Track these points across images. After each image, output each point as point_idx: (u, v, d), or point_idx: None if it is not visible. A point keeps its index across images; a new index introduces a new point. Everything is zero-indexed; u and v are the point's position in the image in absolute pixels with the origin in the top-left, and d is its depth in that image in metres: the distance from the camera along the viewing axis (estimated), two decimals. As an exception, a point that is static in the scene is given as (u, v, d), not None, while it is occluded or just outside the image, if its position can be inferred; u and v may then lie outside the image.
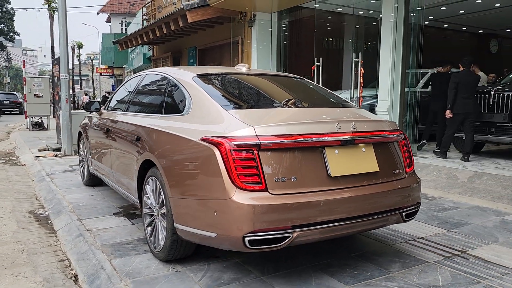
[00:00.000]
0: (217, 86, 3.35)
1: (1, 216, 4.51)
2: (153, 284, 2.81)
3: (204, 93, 3.09)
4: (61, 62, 8.44)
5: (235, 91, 3.38)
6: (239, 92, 3.39)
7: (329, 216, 2.63)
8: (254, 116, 2.84)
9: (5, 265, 3.24)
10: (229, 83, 3.48)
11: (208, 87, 3.23)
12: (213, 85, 3.31)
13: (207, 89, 3.17)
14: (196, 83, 3.26)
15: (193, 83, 3.26)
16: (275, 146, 2.55)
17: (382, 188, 2.87)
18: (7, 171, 7.21)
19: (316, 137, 2.64)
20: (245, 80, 3.58)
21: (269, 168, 2.52)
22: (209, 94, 3.07)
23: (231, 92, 3.34)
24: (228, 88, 3.41)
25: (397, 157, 3.08)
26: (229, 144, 2.51)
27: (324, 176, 2.67)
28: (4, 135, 14.45)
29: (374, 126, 2.96)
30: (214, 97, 3.04)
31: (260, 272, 2.99)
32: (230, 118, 2.75)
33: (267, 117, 2.83)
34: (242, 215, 2.45)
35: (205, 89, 3.17)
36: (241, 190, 2.47)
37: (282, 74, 4.04)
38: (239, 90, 3.42)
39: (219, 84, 3.40)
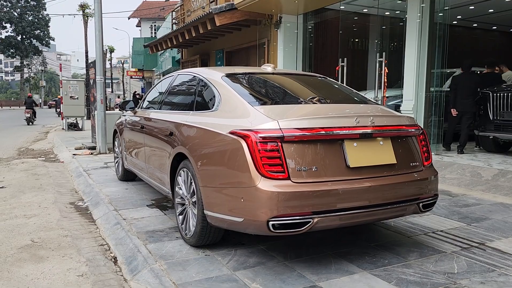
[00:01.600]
0: (244, 84, 3.59)
1: (46, 207, 4.88)
2: (185, 265, 3.06)
3: (232, 91, 3.33)
4: (97, 65, 8.88)
5: (261, 89, 3.61)
6: (265, 89, 3.62)
7: (347, 204, 2.81)
8: (278, 111, 3.05)
9: (52, 247, 3.56)
10: (255, 82, 3.72)
11: (236, 85, 3.47)
12: (240, 84, 3.55)
13: (235, 87, 3.41)
14: (224, 82, 3.51)
15: (222, 81, 3.51)
16: (297, 138, 2.76)
17: (399, 179, 3.03)
18: (47, 167, 7.68)
19: (336, 130, 2.84)
20: (271, 79, 3.80)
21: (292, 159, 2.74)
22: (236, 92, 3.31)
23: (257, 89, 3.57)
24: (255, 86, 3.64)
25: (415, 150, 3.23)
26: (255, 137, 2.74)
27: (343, 166, 2.86)
28: (42, 135, 15.17)
29: (392, 121, 3.13)
30: (241, 94, 3.28)
31: (283, 258, 3.20)
32: (256, 113, 2.98)
33: (290, 112, 3.04)
34: (266, 200, 2.67)
35: (233, 87, 3.41)
36: (266, 179, 2.70)
37: (307, 74, 4.25)
38: (264, 88, 3.65)
39: (246, 82, 3.64)
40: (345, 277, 2.87)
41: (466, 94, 7.43)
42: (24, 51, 60.38)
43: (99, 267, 3.20)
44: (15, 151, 10.46)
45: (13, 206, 4.90)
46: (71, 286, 2.85)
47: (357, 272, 2.94)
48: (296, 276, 2.88)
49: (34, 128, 18.13)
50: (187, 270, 2.98)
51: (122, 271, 3.16)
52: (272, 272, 2.95)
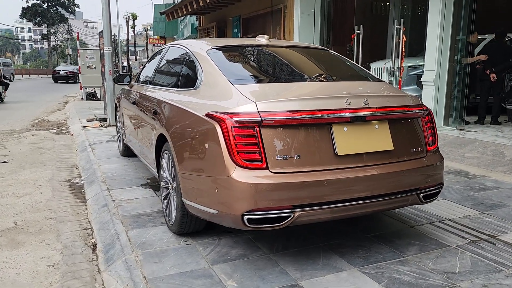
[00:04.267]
0: (231, 59, 3.27)
1: (40, 184, 4.78)
2: (162, 256, 2.87)
3: (215, 67, 3.02)
4: (104, 35, 8.65)
5: (248, 65, 3.28)
6: (253, 65, 3.29)
7: (333, 196, 2.52)
8: (260, 91, 2.74)
9: (33, 231, 3.44)
10: (245, 56, 3.38)
11: (222, 61, 3.15)
12: (227, 59, 3.23)
13: (219, 63, 3.10)
14: (209, 56, 3.19)
15: (207, 56, 3.20)
16: (277, 122, 2.45)
17: (396, 168, 2.70)
18: (55, 141, 7.62)
19: (322, 113, 2.51)
20: (263, 53, 3.46)
21: (271, 146, 2.44)
22: (220, 69, 3.00)
23: (244, 65, 3.25)
24: (243, 62, 3.31)
25: (418, 134, 2.88)
26: (230, 121, 2.45)
27: (331, 154, 2.55)
28: (61, 105, 15.26)
29: (391, 101, 2.77)
30: (224, 71, 2.97)
31: (268, 249, 2.96)
32: (236, 93, 2.67)
33: (274, 92, 2.72)
34: (241, 193, 2.41)
35: (217, 62, 3.09)
36: (241, 168, 2.42)
37: (305, 46, 3.87)
38: (253, 63, 3.32)
39: (234, 57, 3.31)
40: (331, 275, 2.61)
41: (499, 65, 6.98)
42: (50, 19, 60.78)
43: (74, 255, 3.05)
44: (30, 122, 10.51)
45: (9, 183, 4.83)
46: (38, 278, 2.71)
47: (346, 269, 2.68)
48: (277, 273, 2.64)
49: (55, 98, 18.28)
50: (163, 262, 2.78)
51: (98, 260, 3.00)
52: (252, 267, 2.71)
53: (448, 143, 6.20)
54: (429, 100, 7.19)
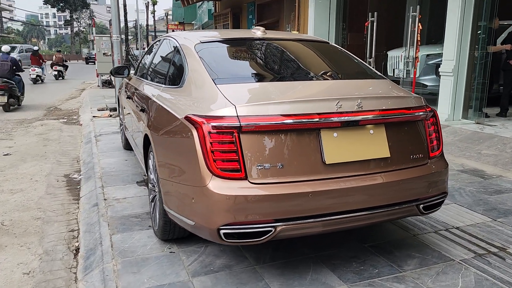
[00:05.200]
0: (219, 55, 3.04)
1: (37, 180, 4.71)
2: (142, 266, 2.71)
3: (200, 64, 2.81)
4: (112, 23, 8.51)
5: (237, 61, 3.05)
6: (242, 62, 3.05)
7: (320, 209, 2.30)
8: (244, 92, 2.52)
9: (17, 233, 3.35)
10: (235, 51, 3.15)
11: (208, 56, 2.93)
12: (214, 54, 3.01)
13: (206, 59, 2.87)
14: (196, 51, 2.97)
15: (193, 51, 2.98)
16: (259, 128, 2.23)
17: (393, 177, 2.45)
18: (62, 132, 7.58)
19: (308, 118, 2.27)
20: (255, 47, 3.21)
21: (251, 154, 2.23)
22: (205, 66, 2.78)
23: (232, 62, 3.01)
24: (231, 58, 3.08)
25: (419, 139, 2.61)
26: (207, 125, 2.24)
27: (318, 163, 2.32)
28: (77, 92, 15.32)
29: (389, 103, 2.50)
30: (209, 69, 2.75)
31: (255, 260, 2.77)
32: (218, 94, 2.46)
33: (258, 94, 2.50)
34: (216, 205, 2.21)
35: (203, 59, 2.88)
36: (217, 178, 2.22)
37: (303, 38, 3.59)
38: (242, 59, 3.08)
39: (223, 52, 3.08)
40: (318, 293, 2.41)
41: None
42: (73, 5, 61.27)
43: (54, 261, 2.93)
44: (44, 111, 10.54)
45: (6, 178, 4.77)
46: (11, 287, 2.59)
47: (335, 286, 2.47)
48: (260, 289, 2.45)
49: (73, 85, 18.38)
50: (141, 273, 2.63)
51: (78, 267, 2.88)
52: (235, 281, 2.53)
53: (465, 139, 5.85)
54: (446, 91, 6.81)
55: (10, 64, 10.43)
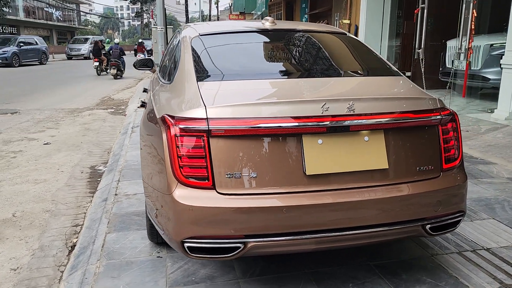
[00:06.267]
0: (213, 49, 2.81)
1: (62, 170, 4.80)
2: (124, 270, 2.60)
3: (189, 59, 2.60)
4: (157, 14, 8.56)
5: (231, 56, 2.79)
6: (237, 57, 2.79)
7: (298, 227, 2.02)
8: (225, 91, 2.28)
9: (23, 225, 3.38)
10: (232, 45, 2.89)
11: (200, 50, 2.71)
12: (208, 48, 2.78)
13: (197, 54, 2.67)
14: (191, 45, 2.77)
15: (189, 45, 2.78)
16: (230, 132, 1.99)
17: (390, 193, 2.09)
18: (105, 122, 7.78)
19: (287, 122, 1.98)
20: (257, 40, 2.95)
21: (221, 161, 1.99)
22: (194, 60, 2.57)
23: (224, 57, 2.76)
24: (226, 52, 2.83)
25: (430, 148, 2.22)
26: (175, 128, 2.03)
27: (298, 174, 2.03)
28: (135, 82, 15.80)
29: (390, 106, 2.13)
30: (197, 64, 2.54)
31: (242, 273, 2.55)
32: (196, 93, 2.24)
33: (238, 93, 2.24)
34: (179, 216, 2.01)
35: (195, 53, 2.67)
36: (183, 186, 2.02)
37: (316, 29, 3.23)
38: (238, 54, 2.82)
39: (218, 46, 2.85)
40: (297, 319, 2.14)
41: None
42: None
43: (45, 258, 2.90)
44: (97, 100, 10.94)
45: (37, 167, 4.92)
46: (-7, 283, 2.59)
47: (320, 312, 2.18)
48: (236, 308, 2.23)
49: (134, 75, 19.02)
50: (120, 278, 2.51)
51: (67, 266, 2.82)
52: (212, 295, 2.33)
53: (524, 141, 5.15)
54: (508, 86, 6.05)
55: (118, 50, 16.96)
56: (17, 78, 16.71)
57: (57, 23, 49.80)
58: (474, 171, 4.41)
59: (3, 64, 22.95)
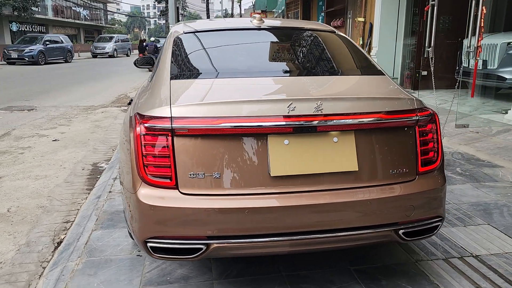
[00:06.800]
0: (194, 47, 2.80)
1: (65, 167, 4.88)
2: (102, 268, 2.61)
3: (168, 57, 2.60)
4: (170, 13, 8.61)
5: (209, 54, 2.76)
6: (215, 55, 2.75)
7: (260, 229, 1.97)
8: (194, 89, 2.26)
9: (15, 221, 3.45)
10: (214, 43, 2.86)
11: (181, 49, 2.71)
12: (189, 46, 2.77)
13: (177, 52, 2.67)
14: (173, 43, 2.77)
15: (171, 43, 2.78)
16: (193, 132, 1.96)
17: (359, 196, 2.02)
18: (116, 119, 7.88)
19: (250, 121, 1.94)
20: (239, 38, 2.91)
21: (185, 161, 1.97)
22: (172, 58, 2.57)
23: (203, 55, 2.74)
24: (205, 51, 2.80)
25: (405, 150, 2.13)
26: (141, 126, 2.03)
27: (263, 175, 1.98)
28: (153, 80, 15.96)
29: (362, 106, 2.06)
30: (174, 62, 2.53)
31: (219, 274, 2.52)
32: (167, 91, 2.23)
33: (206, 92, 2.21)
34: (142, 215, 2.01)
35: (176, 51, 2.67)
36: (147, 185, 2.01)
37: (303, 27, 3.15)
38: (217, 52, 2.78)
39: (199, 44, 2.83)
40: (264, 323, 2.10)
41: None
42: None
43: (30, 253, 2.95)
44: (113, 98, 11.10)
45: (41, 163, 5.02)
46: (-26, 278, 2.64)
47: (288, 316, 2.14)
48: (204, 309, 2.21)
49: (153, 73, 19.23)
50: (96, 276, 2.52)
51: (50, 262, 2.86)
52: (183, 296, 2.32)
53: (535, 143, 4.93)
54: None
55: (153, 46, 18.91)
56: (41, 75, 17.15)
57: (85, 22, 50.89)
58: (478, 174, 4.26)
59: (30, 62, 23.65)
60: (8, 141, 6.22)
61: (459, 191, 3.80)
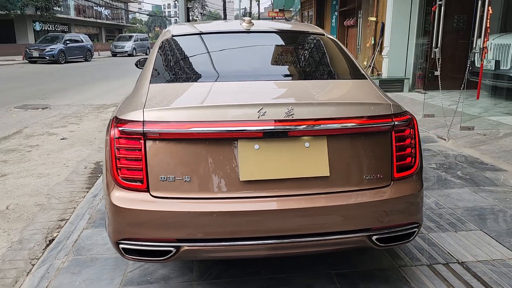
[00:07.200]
0: (179, 51, 2.82)
1: (68, 165, 4.98)
2: (86, 266, 2.67)
3: (152, 61, 2.64)
4: (180, 11, 8.69)
5: (193, 58, 2.77)
6: (198, 59, 2.76)
7: (229, 233, 1.98)
8: (171, 93, 2.29)
9: (12, 218, 3.54)
10: (199, 47, 2.86)
11: (167, 52, 2.75)
12: (175, 50, 2.80)
13: (163, 55, 2.70)
14: (160, 47, 2.80)
15: (157, 46, 2.82)
16: (164, 136, 1.98)
17: (330, 201, 2.01)
18: (125, 118, 7.99)
19: (220, 126, 1.95)
20: (226, 42, 2.92)
21: (156, 164, 2.00)
22: (155, 62, 2.60)
23: (186, 59, 2.76)
24: (190, 54, 2.81)
25: (380, 155, 2.11)
26: (115, 129, 2.07)
27: (233, 179, 1.99)
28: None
29: (334, 111, 2.04)
30: (157, 66, 2.57)
31: (199, 275, 2.54)
32: (144, 94, 2.27)
33: (181, 96, 2.24)
34: (114, 217, 2.04)
35: (161, 55, 2.71)
36: (119, 188, 2.05)
37: (290, 30, 3.12)
38: (201, 56, 2.79)
39: (185, 48, 2.85)
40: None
41: None
42: (188, -6, 64.82)
43: (21, 251, 3.02)
44: (126, 97, 11.25)
45: (45, 161, 5.14)
46: (-36, 273, 2.73)
47: (260, 320, 2.14)
48: (179, 310, 2.23)
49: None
50: (79, 275, 2.58)
51: (39, 260, 2.93)
52: (160, 297, 2.35)
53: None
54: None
55: None
56: (60, 74, 17.51)
57: (106, 21, 51.76)
58: (479, 178, 4.17)
59: (51, 61, 24.18)
60: (18, 139, 6.38)
61: (456, 195, 3.73)
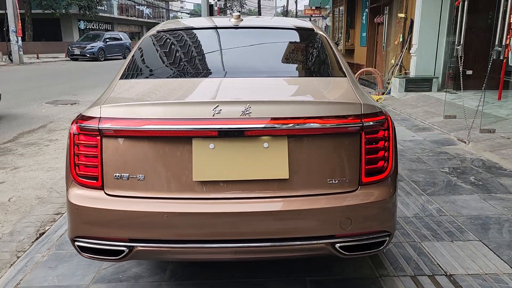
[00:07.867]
0: (158, 47, 2.77)
1: (78, 160, 5.09)
2: (64, 261, 2.69)
3: (130, 57, 2.62)
4: (202, 9, 8.71)
5: (170, 54, 2.70)
6: (176, 55, 2.69)
7: (180, 235, 1.92)
8: (135, 90, 2.25)
9: (10, 210, 3.64)
10: (180, 43, 2.81)
11: (146, 48, 2.72)
12: (154, 46, 2.76)
13: (142, 51, 2.68)
14: (141, 42, 2.78)
15: (139, 43, 2.80)
16: (119, 133, 1.94)
17: (288, 206, 1.90)
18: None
19: (173, 124, 1.89)
20: (208, 38, 2.85)
21: (111, 162, 1.96)
22: (132, 58, 2.59)
23: (163, 55, 2.70)
24: (168, 50, 2.75)
25: (346, 158, 1.98)
26: (75, 126, 2.05)
27: (186, 179, 1.93)
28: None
29: (297, 110, 1.93)
30: (133, 62, 2.55)
31: (171, 275, 2.50)
32: (109, 91, 2.26)
33: (143, 93, 2.19)
34: (70, 214, 2.03)
35: (140, 51, 2.68)
36: (76, 185, 2.03)
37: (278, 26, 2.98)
38: (179, 52, 2.72)
39: (167, 44, 2.79)
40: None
41: None
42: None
43: (10, 243, 3.09)
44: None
45: (58, 156, 5.27)
46: (-50, 263, 2.82)
47: (218, 326, 2.07)
48: (140, 311, 2.20)
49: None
50: (55, 269, 2.60)
51: (25, 253, 2.99)
52: (126, 296, 2.33)
53: None
54: None
55: None
56: (97, 71, 18.07)
57: (147, 20, 53.06)
58: (493, 184, 3.89)
59: (91, 58, 25.03)
60: (41, 133, 6.60)
61: (462, 202, 3.50)
